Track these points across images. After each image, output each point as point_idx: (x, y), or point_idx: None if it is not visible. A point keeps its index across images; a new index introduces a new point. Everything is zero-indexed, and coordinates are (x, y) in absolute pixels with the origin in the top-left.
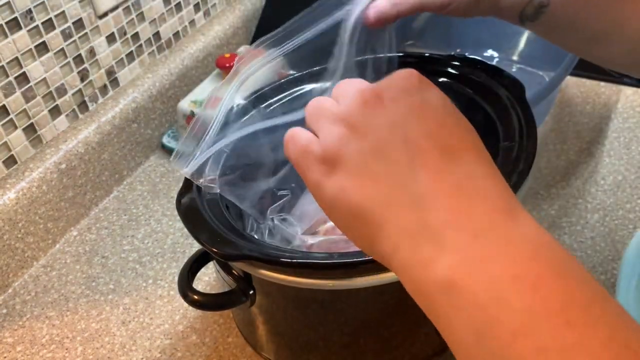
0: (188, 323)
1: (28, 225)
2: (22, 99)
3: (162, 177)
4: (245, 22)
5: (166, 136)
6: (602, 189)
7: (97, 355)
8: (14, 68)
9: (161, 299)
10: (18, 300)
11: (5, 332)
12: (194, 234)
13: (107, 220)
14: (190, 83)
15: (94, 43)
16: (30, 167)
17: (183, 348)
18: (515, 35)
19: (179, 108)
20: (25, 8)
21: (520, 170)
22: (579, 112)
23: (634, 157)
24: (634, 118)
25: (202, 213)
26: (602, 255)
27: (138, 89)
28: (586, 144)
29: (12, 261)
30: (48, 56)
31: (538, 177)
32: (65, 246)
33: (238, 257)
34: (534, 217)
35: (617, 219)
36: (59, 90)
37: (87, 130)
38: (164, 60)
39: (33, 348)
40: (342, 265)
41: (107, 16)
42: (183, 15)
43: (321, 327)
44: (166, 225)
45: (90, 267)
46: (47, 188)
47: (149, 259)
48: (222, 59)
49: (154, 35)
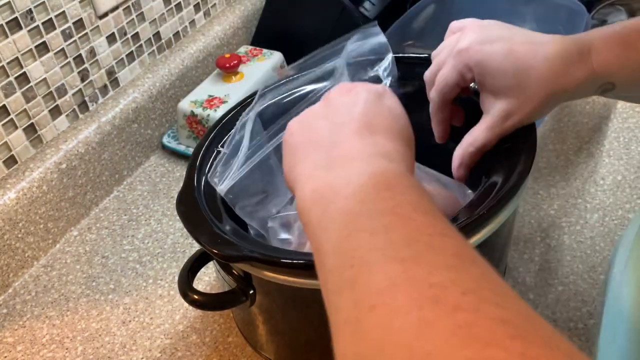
0: (188, 323)
1: (28, 225)
2: (22, 99)
3: (162, 177)
4: (245, 22)
5: (166, 136)
6: (601, 189)
7: (98, 355)
8: (15, 68)
9: (161, 299)
10: (18, 300)
11: (5, 331)
12: (194, 235)
13: (108, 220)
14: (190, 83)
15: (95, 43)
16: (31, 167)
17: (183, 348)
18: None
19: (179, 108)
20: (26, 8)
21: (520, 170)
22: (579, 112)
23: (634, 157)
24: (633, 118)
25: (202, 214)
26: (602, 255)
27: (138, 89)
28: (586, 144)
29: (13, 261)
30: (48, 56)
31: (538, 177)
32: (65, 246)
33: (238, 258)
34: (534, 217)
35: (616, 218)
36: (59, 90)
37: (87, 130)
38: (164, 60)
39: (33, 348)
40: None
41: (107, 16)
42: (183, 15)
43: (321, 327)
44: (166, 225)
45: (91, 267)
46: (48, 188)
47: (149, 258)
48: (222, 59)
49: (154, 35)
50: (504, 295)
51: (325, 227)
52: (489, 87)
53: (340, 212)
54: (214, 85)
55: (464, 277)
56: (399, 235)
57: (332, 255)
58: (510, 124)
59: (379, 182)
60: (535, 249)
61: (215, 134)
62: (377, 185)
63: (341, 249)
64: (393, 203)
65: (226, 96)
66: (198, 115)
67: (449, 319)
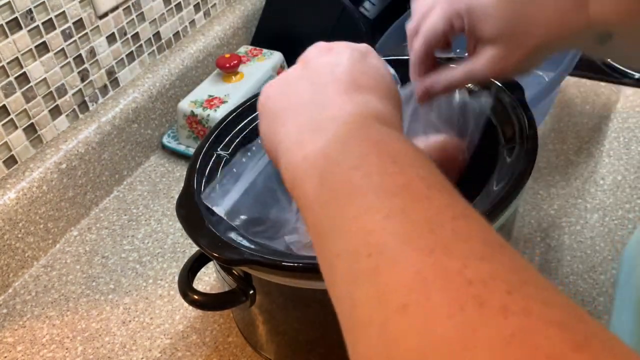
0: (188, 323)
1: (28, 225)
2: (22, 99)
3: (162, 177)
4: (245, 22)
5: (166, 136)
6: (601, 189)
7: (98, 354)
8: (15, 68)
9: (161, 299)
10: (18, 300)
11: (5, 331)
12: (195, 238)
13: (108, 220)
14: (190, 83)
15: (95, 43)
16: (31, 167)
17: (183, 348)
18: None
19: (179, 108)
20: (26, 8)
21: (521, 171)
22: (579, 112)
23: (634, 157)
24: (633, 118)
25: (202, 217)
26: (602, 255)
27: (138, 89)
28: (586, 144)
29: (13, 261)
30: (48, 56)
31: (538, 177)
32: (65, 246)
33: (240, 262)
34: (534, 217)
35: (616, 218)
36: (59, 90)
37: (87, 130)
38: (164, 60)
39: (33, 348)
40: None
41: (107, 16)
42: (183, 15)
43: (321, 327)
44: (166, 225)
45: (91, 267)
46: (48, 188)
47: (149, 258)
48: (222, 59)
49: (154, 35)
50: (545, 289)
51: (325, 203)
52: (478, 33)
53: (341, 186)
54: (214, 85)
55: (500, 270)
56: (419, 218)
57: (338, 237)
58: (497, 69)
59: (380, 151)
60: (535, 249)
61: (215, 136)
62: (380, 155)
63: (350, 232)
64: (403, 179)
65: (226, 96)
66: (198, 115)
67: (500, 324)
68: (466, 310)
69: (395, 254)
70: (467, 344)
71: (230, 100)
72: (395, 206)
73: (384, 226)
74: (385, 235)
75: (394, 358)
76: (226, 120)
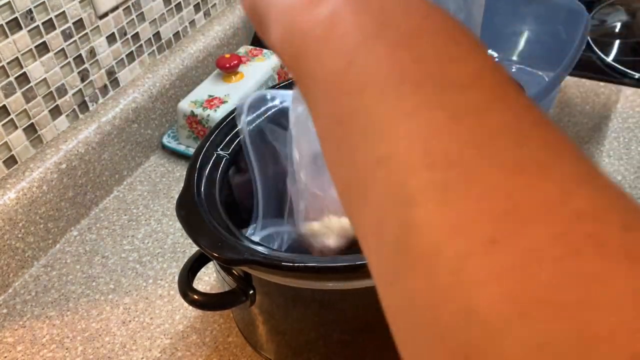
0: (188, 323)
1: (28, 225)
2: (22, 99)
3: (162, 177)
4: (245, 22)
5: (166, 136)
6: None
7: (98, 354)
8: (15, 68)
9: (161, 299)
10: (18, 300)
11: (5, 331)
12: (195, 239)
13: (108, 220)
14: (190, 83)
15: (95, 43)
16: (31, 167)
17: (183, 347)
18: (515, 35)
19: (179, 108)
20: (26, 8)
21: None
22: (579, 112)
23: (634, 157)
24: (633, 118)
25: (202, 217)
26: None
27: (138, 89)
28: (586, 144)
29: (13, 261)
30: (48, 56)
31: None
32: (65, 246)
33: (240, 262)
34: None
35: None
36: (60, 90)
37: (87, 130)
38: (164, 60)
39: (33, 348)
40: (344, 268)
41: (107, 16)
42: (183, 15)
43: (321, 327)
44: (166, 225)
45: (91, 267)
46: (48, 188)
47: (149, 258)
48: (222, 59)
49: (154, 35)
50: None
51: (358, 91)
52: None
53: (385, 71)
54: (214, 85)
55: (603, 197)
56: (498, 122)
57: (379, 140)
58: None
59: (437, 30)
60: None
61: (215, 136)
62: (436, 34)
63: (399, 134)
64: (471, 68)
65: (226, 96)
66: (198, 115)
67: (627, 274)
68: (583, 254)
69: (472, 169)
70: (592, 300)
71: (230, 101)
72: (467, 103)
73: (452, 129)
74: (455, 142)
75: (472, 311)
76: (226, 120)
